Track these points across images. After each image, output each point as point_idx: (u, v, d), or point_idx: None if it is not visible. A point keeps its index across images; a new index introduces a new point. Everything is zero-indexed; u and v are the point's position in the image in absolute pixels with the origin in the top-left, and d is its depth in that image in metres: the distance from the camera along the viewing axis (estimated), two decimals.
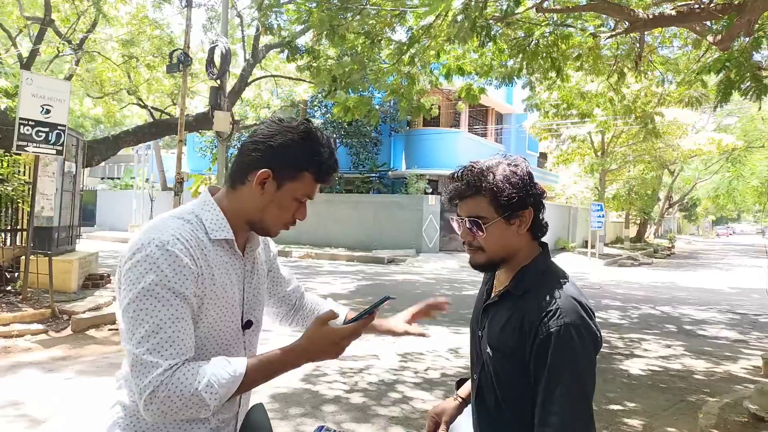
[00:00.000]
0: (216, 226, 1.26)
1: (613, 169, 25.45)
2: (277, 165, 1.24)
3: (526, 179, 1.41)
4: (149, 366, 1.09)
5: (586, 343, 1.27)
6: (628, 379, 5.31)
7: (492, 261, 1.44)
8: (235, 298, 1.30)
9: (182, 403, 1.09)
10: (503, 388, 1.41)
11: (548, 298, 1.33)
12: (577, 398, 1.25)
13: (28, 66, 12.59)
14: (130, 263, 1.16)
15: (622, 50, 10.43)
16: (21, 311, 6.32)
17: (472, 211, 1.41)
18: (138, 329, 1.12)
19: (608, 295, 11.07)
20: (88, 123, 26.44)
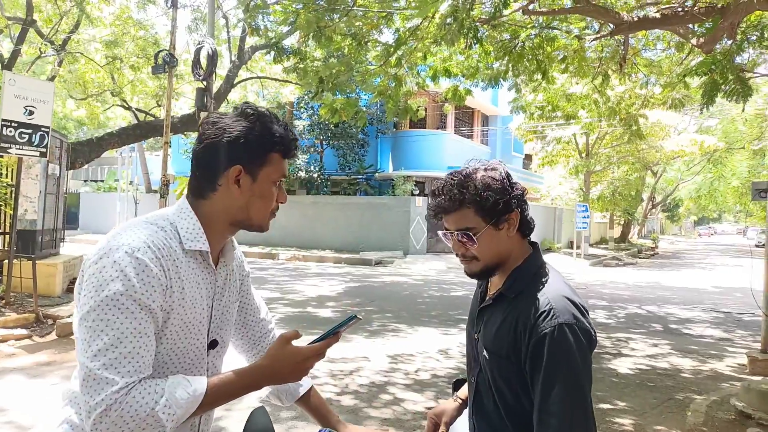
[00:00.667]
0: (191, 235, 1.19)
1: (598, 171, 25.70)
2: (245, 157, 1.19)
3: (506, 182, 1.41)
4: (103, 382, 1.02)
5: (580, 342, 1.27)
6: (617, 378, 5.36)
7: (488, 268, 1.44)
8: (202, 314, 1.22)
9: (135, 425, 1.02)
10: (500, 390, 1.41)
11: (541, 298, 1.33)
12: (575, 398, 1.25)
13: (10, 67, 12.40)
14: (95, 267, 1.08)
15: (607, 52, 10.55)
16: (4, 316, 6.20)
17: (460, 223, 1.40)
18: (96, 341, 1.04)
19: (594, 295, 11.17)
20: (71, 125, 26.11)
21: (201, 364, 1.25)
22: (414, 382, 4.96)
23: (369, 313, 8.21)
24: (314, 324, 7.09)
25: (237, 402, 4.01)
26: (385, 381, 4.95)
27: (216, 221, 1.23)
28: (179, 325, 1.16)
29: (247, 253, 17.43)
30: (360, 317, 1.30)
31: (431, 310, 8.62)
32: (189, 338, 1.19)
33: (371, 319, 7.71)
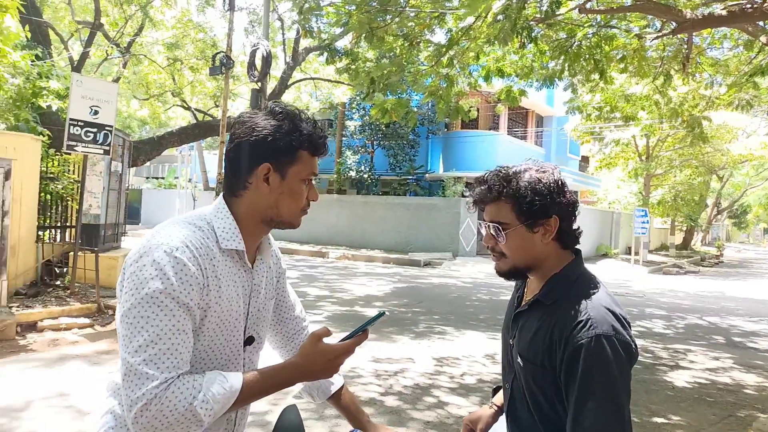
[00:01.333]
0: (228, 235, 1.22)
1: (658, 174, 24.74)
2: (273, 155, 1.21)
3: (553, 187, 1.36)
4: (144, 377, 1.05)
5: (619, 355, 1.22)
6: (673, 392, 5.13)
7: (516, 268, 1.40)
8: (239, 312, 1.25)
9: (174, 419, 1.04)
10: (535, 397, 1.37)
11: (579, 307, 1.28)
12: (610, 412, 1.20)
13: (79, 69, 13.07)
14: (135, 266, 1.11)
15: (669, 51, 10.13)
16: (69, 305, 6.54)
17: (495, 216, 1.38)
18: (136, 337, 1.07)
19: (652, 304, 10.74)
20: (135, 124, 27.27)
21: (238, 360, 1.27)
22: (459, 386, 4.90)
23: (415, 314, 8.18)
24: (360, 323, 7.12)
25: (282, 397, 4.09)
26: (429, 383, 4.91)
27: (249, 219, 1.25)
28: (216, 322, 1.18)
29: (297, 251, 17.72)
30: (387, 313, 1.34)
31: (479, 314, 8.51)
32: (226, 335, 1.22)
33: (417, 321, 7.68)
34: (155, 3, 15.74)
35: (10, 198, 5.90)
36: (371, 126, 21.04)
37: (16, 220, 6.69)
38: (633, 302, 10.81)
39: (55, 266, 7.61)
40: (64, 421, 3.69)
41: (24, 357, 5.09)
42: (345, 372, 4.99)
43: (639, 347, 4.74)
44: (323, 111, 23.62)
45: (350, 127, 22.48)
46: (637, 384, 5.27)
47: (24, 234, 6.98)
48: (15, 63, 6.78)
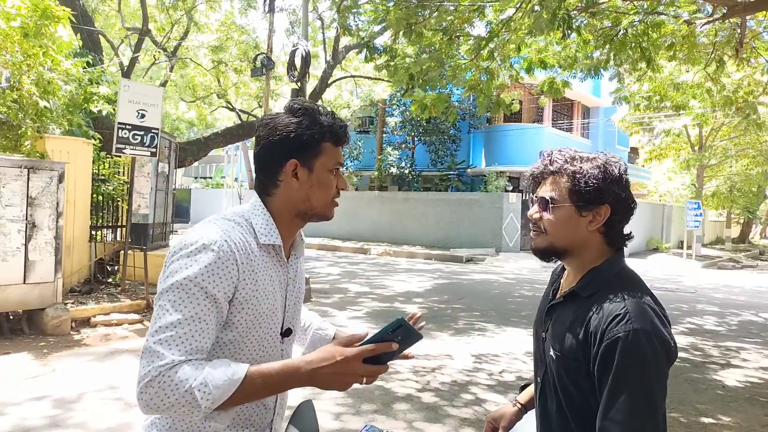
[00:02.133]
0: (265, 230, 1.27)
1: (712, 165, 23.72)
2: (298, 151, 1.26)
3: (615, 177, 1.33)
4: (154, 356, 1.08)
5: (657, 351, 1.18)
6: (723, 391, 4.93)
7: (553, 247, 1.38)
8: (276, 305, 1.29)
9: (175, 399, 1.06)
10: (566, 392, 1.34)
11: (617, 301, 1.25)
12: (643, 410, 1.16)
13: (129, 74, 13.56)
14: (175, 257, 1.17)
15: (721, 37, 9.71)
16: (120, 302, 6.82)
17: (548, 190, 1.37)
18: (161, 319, 1.12)
19: (704, 300, 10.33)
20: (183, 126, 28.07)
21: (275, 351, 1.31)
22: (497, 383, 4.86)
23: (455, 311, 8.14)
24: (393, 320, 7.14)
25: (320, 392, 4.15)
26: (467, 380, 4.89)
27: (283, 215, 1.30)
28: (253, 314, 1.22)
29: (339, 248, 17.89)
30: (411, 327, 1.20)
31: (521, 310, 8.39)
32: (264, 327, 1.25)
33: (457, 317, 7.64)
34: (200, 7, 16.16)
35: (64, 200, 6.18)
36: (412, 122, 20.99)
37: (71, 221, 7.02)
38: (684, 298, 10.42)
39: (107, 264, 7.95)
40: (112, 412, 3.86)
41: (78, 351, 5.34)
42: None
43: (688, 345, 4.63)
44: (364, 108, 23.71)
45: (391, 124, 22.49)
46: (685, 383, 5.10)
47: (78, 234, 7.31)
48: (67, 70, 7.11)
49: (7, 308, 5.68)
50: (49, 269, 5.91)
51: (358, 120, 25.91)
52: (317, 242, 18.63)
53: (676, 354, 1.25)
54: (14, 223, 5.65)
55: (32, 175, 5.78)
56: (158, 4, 15.19)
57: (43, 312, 5.82)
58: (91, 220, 7.79)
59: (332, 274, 12.04)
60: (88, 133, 7.94)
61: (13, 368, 4.71)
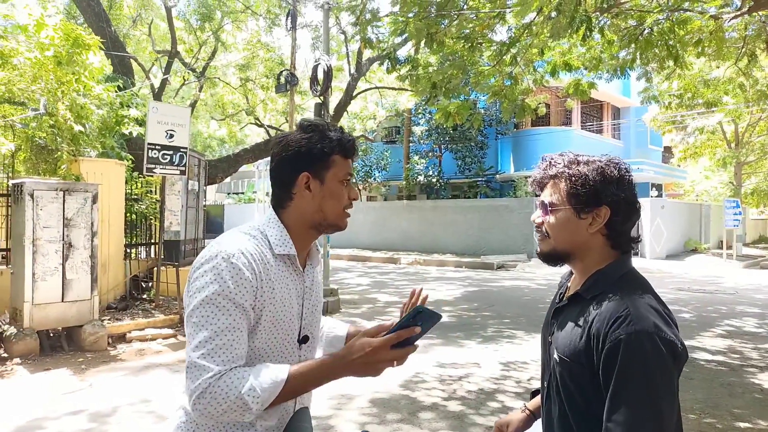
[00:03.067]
0: (280, 241, 1.34)
1: (750, 161, 22.98)
2: (309, 164, 1.34)
3: (614, 177, 1.34)
4: (201, 369, 1.17)
5: (659, 352, 1.17)
6: (762, 395, 4.77)
7: (556, 251, 1.39)
8: (293, 312, 1.35)
9: (227, 405, 1.16)
10: (569, 395, 1.34)
11: (619, 303, 1.25)
12: (646, 410, 1.15)
13: (160, 95, 13.99)
14: (198, 272, 1.25)
15: (752, 30, 9.47)
16: (154, 317, 7.01)
17: (548, 195, 1.39)
18: (198, 335, 1.20)
19: (745, 301, 10.00)
20: (215, 143, 28.75)
21: (294, 357, 1.37)
22: (525, 391, 4.80)
23: (485, 318, 8.09)
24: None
25: (347, 402, 4.19)
26: (494, 388, 4.85)
27: (298, 227, 1.37)
28: (271, 321, 1.29)
29: (370, 258, 17.96)
30: (430, 310, 1.23)
31: None
32: (281, 333, 1.32)
33: (486, 325, 7.58)
34: (226, 27, 16.59)
35: (98, 219, 6.41)
36: (438, 130, 21.00)
37: (105, 240, 7.26)
38: (722, 300, 10.11)
39: (142, 281, 8.18)
40: (145, 425, 3.98)
41: (114, 366, 5.52)
42: (409, 377, 5.05)
43: (726, 348, 4.54)
44: (390, 119, 23.84)
45: (417, 133, 22.54)
46: (721, 387, 4.96)
47: (113, 252, 7.56)
48: (99, 95, 7.40)
49: (47, 326, 5.91)
50: (85, 287, 6.12)
51: (384, 130, 26.05)
52: (348, 253, 18.75)
53: (686, 355, 1.24)
54: (52, 244, 5.89)
55: (67, 197, 6.02)
56: (186, 26, 15.65)
57: (80, 329, 6.03)
58: (126, 239, 8.04)
59: (362, 284, 12.10)
60: (121, 155, 8.22)
61: (53, 384, 4.89)
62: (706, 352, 6.17)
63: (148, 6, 15.78)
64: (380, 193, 26.11)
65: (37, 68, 6.66)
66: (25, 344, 5.60)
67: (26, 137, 7.08)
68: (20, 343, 5.58)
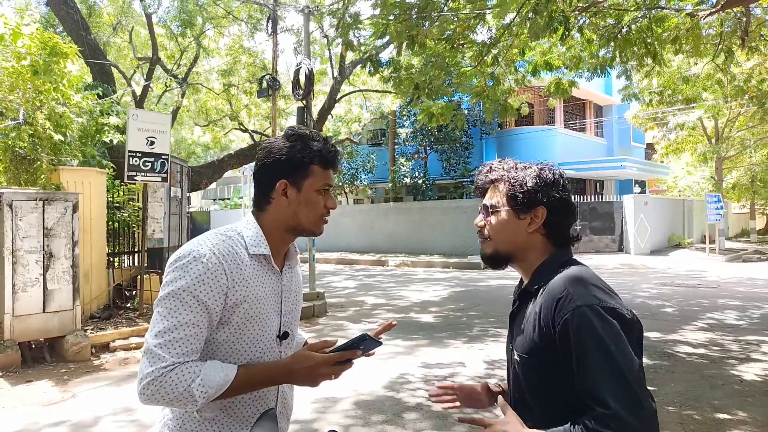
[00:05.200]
0: (255, 242, 1.38)
1: (731, 156, 23.31)
2: (289, 172, 1.39)
3: (548, 180, 1.41)
4: (157, 358, 1.22)
5: (605, 320, 1.21)
6: (741, 386, 4.84)
7: (497, 252, 1.44)
8: (271, 309, 1.40)
9: (174, 396, 1.22)
10: (534, 393, 1.37)
11: (560, 286, 1.30)
12: (610, 377, 1.17)
13: (142, 102, 13.90)
14: (170, 268, 1.31)
15: (728, 27, 9.62)
16: (138, 326, 6.96)
17: (489, 199, 1.46)
18: (159, 324, 1.25)
19: (726, 294, 10.14)
20: (199, 150, 28.54)
21: (273, 352, 1.42)
22: None
23: (470, 318, 8.12)
24: (415, 329, 7.16)
25: (331, 405, 4.19)
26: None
27: (274, 229, 1.42)
28: (245, 317, 1.34)
29: (357, 261, 17.95)
30: (372, 338, 1.37)
31: None
32: (258, 329, 1.36)
33: (472, 325, 7.62)
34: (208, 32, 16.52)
35: (80, 229, 6.36)
36: (423, 132, 21.07)
37: (87, 249, 7.21)
38: (705, 294, 10.24)
39: (125, 290, 8.12)
40: None
41: (97, 376, 5.47)
42: (394, 378, 5.06)
43: (707, 340, 4.63)
44: (375, 121, 23.87)
45: (402, 135, 22.60)
46: (702, 379, 5.03)
47: (95, 261, 7.50)
48: (78, 104, 7.34)
49: (29, 337, 5.85)
50: (67, 297, 6.07)
51: (369, 133, 26.08)
52: (335, 256, 18.73)
53: (636, 322, 1.27)
54: (32, 254, 5.83)
55: (47, 206, 5.97)
56: (167, 32, 15.56)
57: (63, 339, 5.98)
58: (108, 247, 7.98)
59: (349, 287, 12.10)
60: (102, 163, 8.16)
61: (35, 396, 4.84)
62: (688, 345, 6.25)
63: (128, 13, 15.68)
64: (367, 196, 26.12)
65: (14, 78, 6.59)
66: (6, 356, 5.54)
67: (5, 147, 7.01)
68: (1, 355, 5.51)
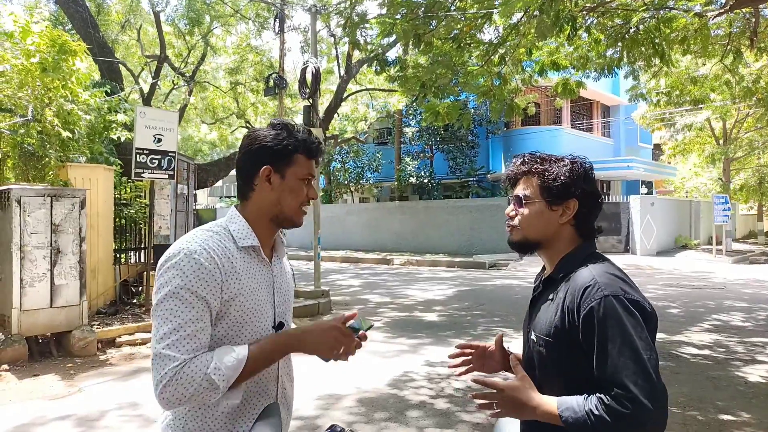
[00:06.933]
0: (242, 234, 1.40)
1: (739, 157, 23.17)
2: (273, 159, 1.41)
3: (581, 173, 1.48)
4: (167, 359, 1.23)
5: (630, 310, 1.29)
6: (745, 387, 4.83)
7: (526, 240, 1.51)
8: (264, 300, 1.42)
9: (194, 389, 1.22)
10: (547, 373, 1.42)
11: (587, 276, 1.36)
12: (628, 356, 1.24)
13: (149, 100, 13.97)
14: (162, 269, 1.32)
15: (737, 28, 9.56)
16: (144, 321, 7.00)
17: (522, 189, 1.51)
18: (162, 327, 1.26)
19: (733, 296, 10.09)
20: (206, 147, 28.67)
21: None
22: None
23: (475, 317, 8.13)
24: (419, 328, 7.17)
25: (335, 402, 4.20)
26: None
27: (258, 219, 1.44)
28: (241, 309, 1.36)
29: (363, 260, 17.98)
30: (373, 324, 1.44)
31: None
32: (254, 320, 1.39)
33: (476, 324, 7.63)
34: (216, 31, 16.58)
35: (87, 225, 6.41)
36: (429, 131, 21.06)
37: (95, 245, 7.26)
38: (711, 295, 10.20)
39: (132, 286, 8.17)
40: (132, 429, 3.99)
41: (103, 371, 5.51)
42: (398, 376, 5.08)
43: (712, 342, 4.66)
44: (381, 120, 23.89)
45: (408, 134, 22.59)
46: (706, 380, 5.02)
47: (102, 257, 7.55)
48: (86, 101, 7.39)
49: (36, 332, 5.90)
50: (74, 293, 6.12)
51: (375, 132, 26.10)
52: (340, 255, 18.76)
53: (654, 314, 1.34)
54: (39, 250, 5.89)
55: (55, 202, 6.02)
56: (175, 30, 15.62)
57: (70, 334, 6.03)
58: (115, 243, 8.03)
59: (353, 285, 12.12)
60: (109, 160, 8.22)
61: (42, 390, 4.89)
62: (693, 347, 6.23)
63: (137, 11, 15.76)
64: (372, 195, 26.14)
65: (23, 75, 6.65)
66: (14, 351, 5.60)
67: (14, 144, 7.07)
68: (8, 349, 5.57)
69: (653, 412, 1.19)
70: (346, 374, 4.96)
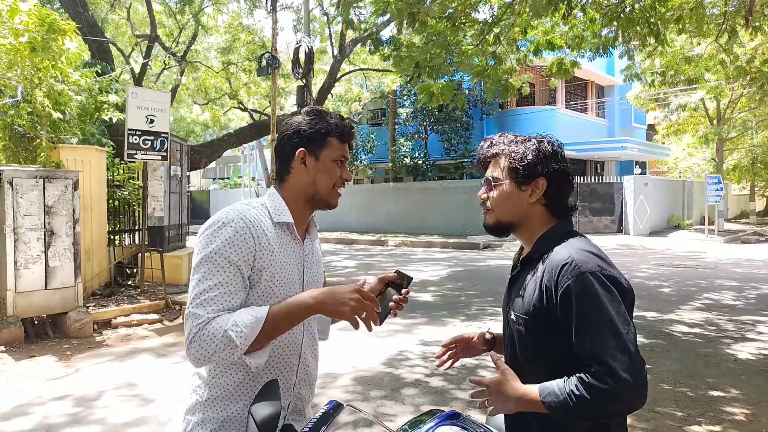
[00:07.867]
0: (278, 211, 1.49)
1: (732, 138, 23.21)
2: (308, 143, 1.50)
3: (548, 152, 1.47)
4: (194, 317, 1.31)
5: (607, 286, 1.29)
6: (735, 364, 4.91)
7: (500, 222, 1.51)
8: (294, 276, 1.49)
9: (216, 345, 1.28)
10: (526, 352, 1.43)
11: (564, 254, 1.37)
12: (607, 332, 1.25)
13: (140, 80, 13.80)
14: (201, 236, 1.41)
15: (732, 6, 9.52)
16: (139, 303, 7.03)
17: (490, 172, 1.52)
18: (195, 288, 1.35)
19: (724, 275, 10.20)
20: (198, 128, 28.42)
21: None
22: None
23: (469, 297, 8.19)
24: (414, 308, 7.22)
25: (332, 380, 4.26)
26: (476, 364, 4.95)
27: (294, 200, 1.52)
28: (271, 279, 1.43)
29: (357, 241, 18.01)
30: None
31: None
32: (282, 293, 1.44)
33: (470, 303, 7.69)
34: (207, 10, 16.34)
35: (80, 206, 6.38)
36: (423, 111, 20.96)
37: (88, 227, 7.24)
38: (703, 274, 10.31)
39: (126, 267, 8.18)
40: (130, 408, 4.02)
41: (99, 352, 5.54)
42: (393, 355, 5.13)
43: (703, 320, 4.72)
44: (375, 101, 23.74)
45: (402, 115, 22.49)
46: (697, 358, 5.10)
47: (96, 238, 7.53)
48: (77, 81, 7.30)
49: (32, 314, 5.91)
50: (69, 274, 6.12)
51: (369, 113, 25.94)
52: (335, 236, 18.78)
53: (631, 290, 1.35)
54: (33, 232, 5.87)
55: (48, 184, 5.98)
56: (165, 9, 15.39)
57: (65, 316, 6.04)
58: (109, 225, 8.01)
59: (348, 267, 12.17)
60: (101, 141, 8.15)
61: (38, 370, 4.91)
62: (684, 325, 6.32)
63: None
64: (367, 176, 26.09)
65: (12, 55, 6.54)
66: (10, 332, 5.61)
67: (4, 125, 6.99)
68: (4, 331, 5.58)
69: (632, 385, 1.21)
70: (341, 354, 5.01)
